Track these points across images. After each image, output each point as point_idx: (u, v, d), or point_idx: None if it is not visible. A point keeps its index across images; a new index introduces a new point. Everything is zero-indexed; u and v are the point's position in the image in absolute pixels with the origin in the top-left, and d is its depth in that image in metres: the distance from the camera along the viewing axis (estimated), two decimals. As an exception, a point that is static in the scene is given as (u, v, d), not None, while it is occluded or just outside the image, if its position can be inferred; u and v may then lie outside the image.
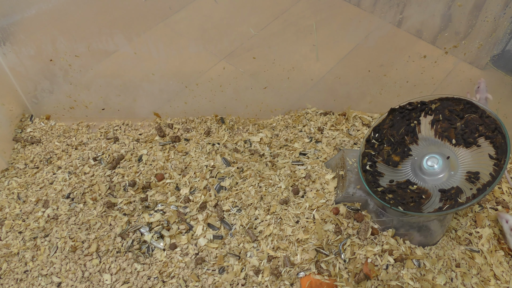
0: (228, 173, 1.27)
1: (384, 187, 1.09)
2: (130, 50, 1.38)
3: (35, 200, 1.24)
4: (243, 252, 1.12)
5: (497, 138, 0.99)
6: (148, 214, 1.19)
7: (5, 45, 1.31)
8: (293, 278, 1.06)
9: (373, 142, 1.16)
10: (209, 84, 1.47)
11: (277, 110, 1.51)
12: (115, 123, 1.49)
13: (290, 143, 1.40)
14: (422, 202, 1.03)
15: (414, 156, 1.12)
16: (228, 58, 1.50)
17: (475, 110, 1.04)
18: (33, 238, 1.17)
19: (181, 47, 1.41)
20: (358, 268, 1.04)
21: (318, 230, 1.11)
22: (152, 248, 1.14)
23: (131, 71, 1.46)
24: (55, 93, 1.48)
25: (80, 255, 1.13)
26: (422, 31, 1.47)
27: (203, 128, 1.46)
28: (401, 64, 1.38)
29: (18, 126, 1.48)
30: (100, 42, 1.35)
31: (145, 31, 1.39)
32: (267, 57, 1.43)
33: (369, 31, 1.37)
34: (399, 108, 1.15)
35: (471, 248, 1.13)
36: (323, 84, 1.50)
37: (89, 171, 1.31)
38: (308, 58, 1.45)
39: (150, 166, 1.31)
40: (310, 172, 1.26)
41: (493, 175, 0.96)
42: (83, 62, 1.40)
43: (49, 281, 1.09)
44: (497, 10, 1.22)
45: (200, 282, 1.08)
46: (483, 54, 1.39)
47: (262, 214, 1.18)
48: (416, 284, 1.03)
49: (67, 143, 1.42)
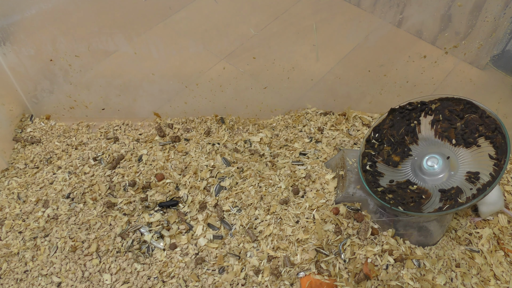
0: (228, 173, 1.27)
1: (384, 187, 1.09)
2: (130, 50, 1.38)
3: (35, 200, 1.24)
4: (243, 252, 1.12)
5: (497, 138, 0.99)
6: (148, 214, 1.19)
7: (5, 45, 1.31)
8: (293, 278, 1.06)
9: (373, 142, 1.16)
10: (209, 84, 1.47)
11: (277, 110, 1.51)
12: (115, 123, 1.49)
13: (290, 143, 1.40)
14: (422, 202, 1.03)
15: (414, 156, 1.12)
16: (228, 58, 1.50)
17: (475, 110, 1.04)
18: (33, 238, 1.17)
19: (181, 47, 1.41)
20: (358, 268, 1.04)
21: (318, 230, 1.11)
22: (152, 248, 1.14)
23: (131, 71, 1.46)
24: (55, 93, 1.48)
25: (80, 255, 1.13)
26: (422, 31, 1.47)
27: (203, 128, 1.46)
28: (401, 64, 1.38)
29: (18, 126, 1.48)
30: (100, 42, 1.35)
31: (145, 31, 1.40)
32: (267, 57, 1.43)
33: (369, 31, 1.37)
34: (399, 108, 1.15)
35: (471, 248, 1.13)
36: (323, 84, 1.50)
37: (89, 171, 1.31)
38: (308, 58, 1.45)
39: (150, 166, 1.31)
40: (310, 172, 1.26)
41: (493, 175, 0.96)
42: (83, 62, 1.40)
43: (49, 281, 1.09)
44: (497, 10, 1.22)
45: (200, 282, 1.08)
46: (483, 54, 1.39)
47: (262, 214, 1.18)
48: (416, 284, 1.03)
49: (67, 143, 1.42)
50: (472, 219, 1.19)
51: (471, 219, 1.19)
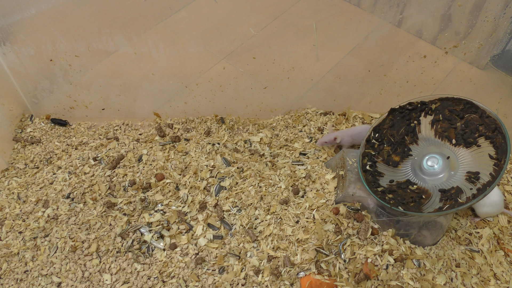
0: (228, 173, 1.27)
1: (384, 187, 1.09)
2: (130, 50, 1.38)
3: (35, 200, 1.24)
4: (243, 252, 1.12)
5: (497, 138, 0.99)
6: (148, 214, 1.19)
7: (5, 45, 1.31)
8: (293, 278, 1.06)
9: (373, 142, 1.16)
10: (209, 84, 1.47)
11: (277, 110, 1.51)
12: (115, 123, 1.49)
13: (290, 143, 1.40)
14: (422, 202, 1.03)
15: (414, 156, 1.12)
16: (228, 58, 1.50)
17: (475, 110, 1.04)
18: (33, 238, 1.17)
19: (181, 47, 1.41)
20: (358, 268, 1.04)
21: (318, 230, 1.11)
22: (152, 248, 1.14)
23: (131, 71, 1.46)
24: (55, 93, 1.48)
25: (80, 255, 1.13)
26: (422, 31, 1.47)
27: (203, 128, 1.46)
28: (401, 64, 1.38)
29: (18, 126, 1.48)
30: (100, 42, 1.35)
31: (145, 31, 1.40)
32: (267, 57, 1.43)
33: (369, 31, 1.37)
34: (399, 108, 1.15)
35: (471, 248, 1.14)
36: (323, 84, 1.50)
37: (89, 171, 1.31)
38: (308, 58, 1.45)
39: (150, 166, 1.31)
40: (310, 172, 1.26)
41: (493, 175, 0.96)
42: (83, 62, 1.40)
43: (49, 281, 1.09)
44: (497, 10, 1.22)
45: (200, 282, 1.08)
46: (483, 54, 1.39)
47: (262, 214, 1.18)
48: (416, 284, 1.03)
49: (67, 143, 1.42)
50: (472, 219, 1.19)
51: (471, 219, 1.20)
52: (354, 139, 1.31)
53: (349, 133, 1.31)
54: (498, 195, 1.15)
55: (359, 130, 1.31)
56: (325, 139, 1.32)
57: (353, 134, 1.30)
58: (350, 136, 1.30)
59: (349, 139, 1.31)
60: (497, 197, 1.15)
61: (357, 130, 1.31)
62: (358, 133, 1.30)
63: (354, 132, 1.31)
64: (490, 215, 1.18)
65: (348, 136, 1.30)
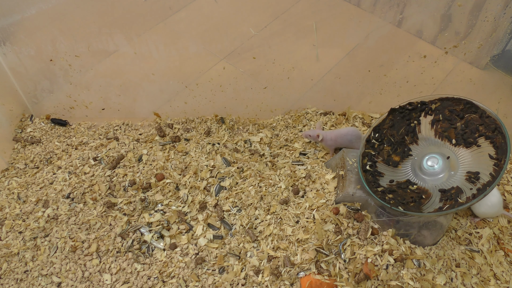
0: (228, 173, 1.27)
1: (384, 187, 1.09)
2: (130, 50, 1.38)
3: (35, 200, 1.24)
4: (243, 252, 1.12)
5: (497, 138, 0.99)
6: (148, 214, 1.19)
7: (5, 45, 1.31)
8: (293, 278, 1.06)
9: (373, 142, 1.16)
10: (209, 84, 1.47)
11: (277, 110, 1.51)
12: (115, 123, 1.49)
13: (290, 143, 1.40)
14: (422, 202, 1.03)
15: (414, 156, 1.12)
16: (228, 58, 1.50)
17: (475, 110, 1.04)
18: (33, 238, 1.17)
19: (181, 47, 1.41)
20: (358, 268, 1.04)
21: (318, 230, 1.11)
22: (152, 248, 1.14)
23: (131, 71, 1.46)
24: (55, 93, 1.48)
25: (80, 255, 1.13)
26: (422, 31, 1.47)
27: (203, 128, 1.46)
28: (401, 64, 1.38)
29: (18, 126, 1.48)
30: (100, 42, 1.35)
31: (145, 31, 1.40)
32: (267, 57, 1.43)
33: (369, 31, 1.37)
34: (399, 108, 1.15)
35: (471, 248, 1.14)
36: (323, 84, 1.50)
37: (89, 171, 1.31)
38: (308, 58, 1.45)
39: (150, 166, 1.31)
40: (310, 172, 1.26)
41: (493, 175, 0.96)
42: (83, 62, 1.40)
43: (49, 281, 1.09)
44: (497, 10, 1.22)
45: (200, 282, 1.08)
46: (483, 54, 1.40)
47: (262, 214, 1.18)
48: (416, 284, 1.03)
49: (67, 143, 1.42)
50: (473, 219, 1.19)
51: (471, 219, 1.20)
52: (337, 142, 1.29)
53: (332, 135, 1.29)
54: (497, 197, 1.15)
55: (344, 133, 1.29)
56: (309, 133, 1.32)
57: (337, 136, 1.29)
58: (333, 139, 1.29)
59: (331, 143, 1.30)
60: (495, 198, 1.14)
61: (342, 132, 1.29)
62: (342, 135, 1.29)
63: (339, 134, 1.29)
64: (488, 216, 1.18)
65: (330, 140, 1.29)
